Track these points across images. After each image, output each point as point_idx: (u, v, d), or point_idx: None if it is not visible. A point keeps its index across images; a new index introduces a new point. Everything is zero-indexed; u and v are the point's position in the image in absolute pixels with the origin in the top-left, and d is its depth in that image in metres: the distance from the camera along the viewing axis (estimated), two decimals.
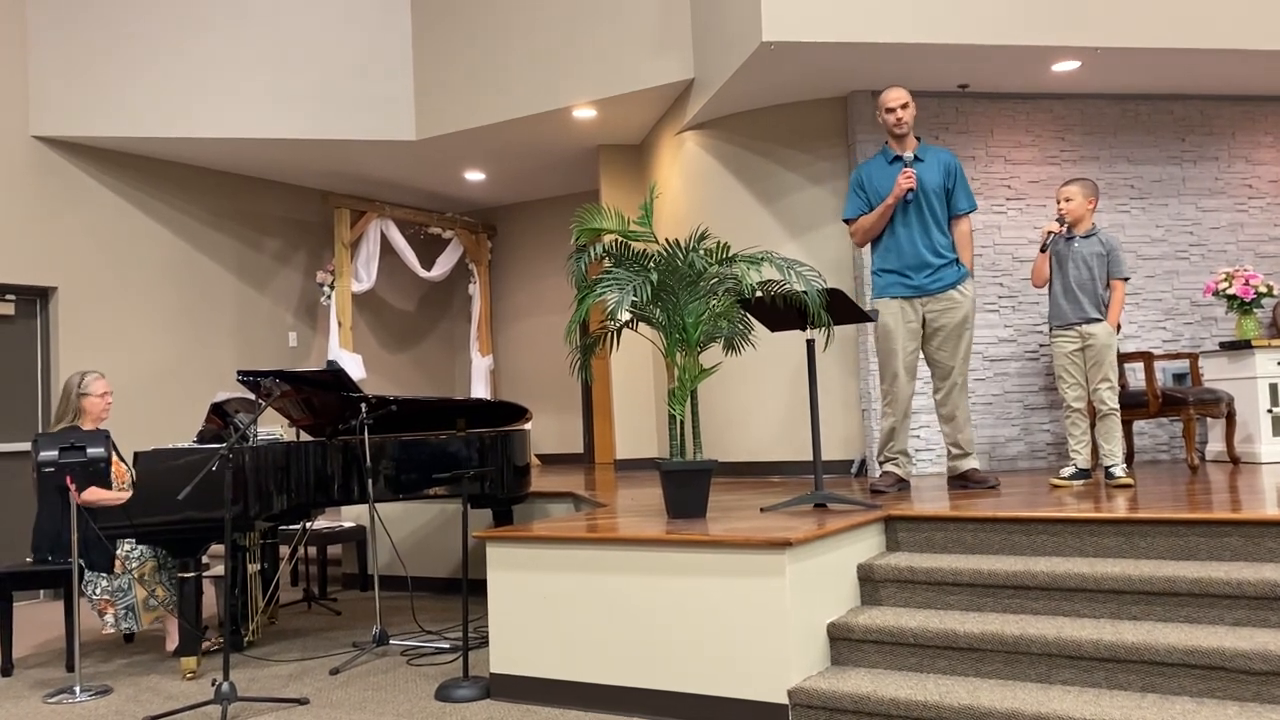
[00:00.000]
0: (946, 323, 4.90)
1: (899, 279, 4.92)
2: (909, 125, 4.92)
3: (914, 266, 4.89)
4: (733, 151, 6.70)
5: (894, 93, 4.91)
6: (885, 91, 4.95)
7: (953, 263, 4.92)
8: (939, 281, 4.89)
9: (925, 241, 4.90)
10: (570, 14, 6.91)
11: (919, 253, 4.89)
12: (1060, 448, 6.28)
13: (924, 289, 4.90)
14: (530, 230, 10.03)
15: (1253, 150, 6.69)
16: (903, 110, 4.89)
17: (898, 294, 4.93)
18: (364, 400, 4.87)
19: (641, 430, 7.85)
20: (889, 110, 4.91)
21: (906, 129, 4.92)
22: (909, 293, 4.91)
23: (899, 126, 4.91)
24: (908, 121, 4.90)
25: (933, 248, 4.90)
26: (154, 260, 7.72)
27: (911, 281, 4.90)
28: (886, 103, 4.91)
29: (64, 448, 4.30)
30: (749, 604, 3.34)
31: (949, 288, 4.90)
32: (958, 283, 4.91)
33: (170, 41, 7.11)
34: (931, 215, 4.91)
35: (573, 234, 4.25)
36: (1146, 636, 3.07)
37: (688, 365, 4.02)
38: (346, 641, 5.04)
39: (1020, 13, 5.49)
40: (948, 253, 4.92)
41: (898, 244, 4.93)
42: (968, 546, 3.86)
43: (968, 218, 5.01)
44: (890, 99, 4.90)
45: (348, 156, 7.94)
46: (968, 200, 4.99)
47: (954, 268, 4.92)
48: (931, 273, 4.89)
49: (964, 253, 4.98)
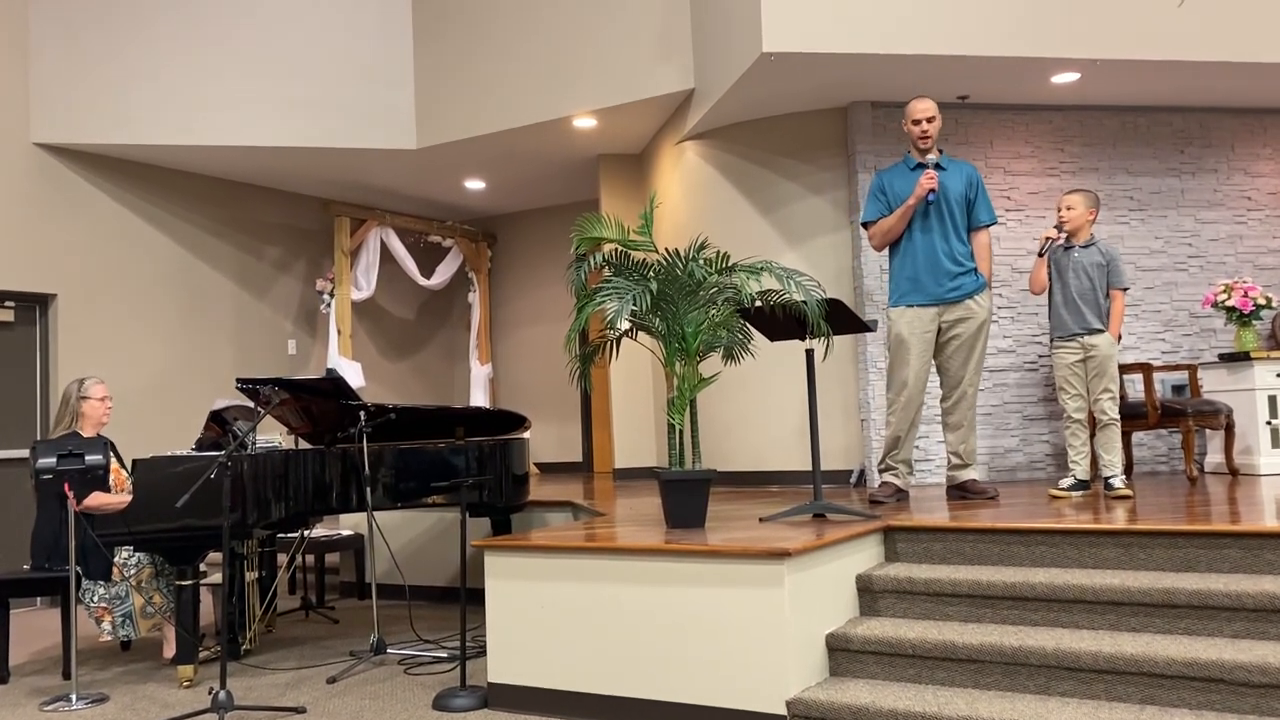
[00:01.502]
0: (962, 332, 4.89)
1: (916, 286, 4.90)
2: (934, 138, 4.91)
3: (933, 273, 4.87)
4: (733, 161, 6.72)
5: (923, 104, 4.88)
6: (913, 101, 4.92)
7: (971, 271, 4.91)
8: (957, 290, 4.87)
9: (945, 249, 4.88)
10: (571, 24, 6.93)
11: (938, 260, 4.87)
12: (1059, 459, 6.28)
13: (941, 297, 4.87)
14: (530, 239, 10.04)
15: (1251, 162, 6.71)
16: (929, 124, 4.87)
17: (914, 302, 4.90)
18: (363, 408, 4.86)
19: (640, 439, 7.84)
20: (915, 121, 4.89)
21: (931, 142, 4.91)
22: (926, 300, 4.89)
23: (924, 140, 4.89)
24: (933, 134, 4.89)
25: (952, 255, 4.88)
26: (154, 267, 7.73)
27: (929, 289, 4.88)
28: (914, 114, 4.90)
29: (62, 455, 4.30)
30: (747, 614, 3.33)
31: (967, 297, 4.88)
32: (976, 292, 4.89)
33: (172, 49, 7.13)
34: (952, 223, 4.89)
35: (573, 243, 4.25)
36: (1145, 648, 3.06)
37: (687, 374, 4.02)
38: (344, 650, 5.02)
39: (1020, 24, 5.50)
40: (967, 261, 4.91)
41: (916, 250, 4.90)
42: (967, 557, 3.85)
43: (987, 230, 5.01)
44: (918, 110, 4.88)
45: (348, 165, 7.95)
46: (988, 213, 4.99)
47: (973, 277, 4.90)
48: (951, 280, 4.87)
49: (983, 264, 4.97)
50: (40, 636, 5.79)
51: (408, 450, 5.02)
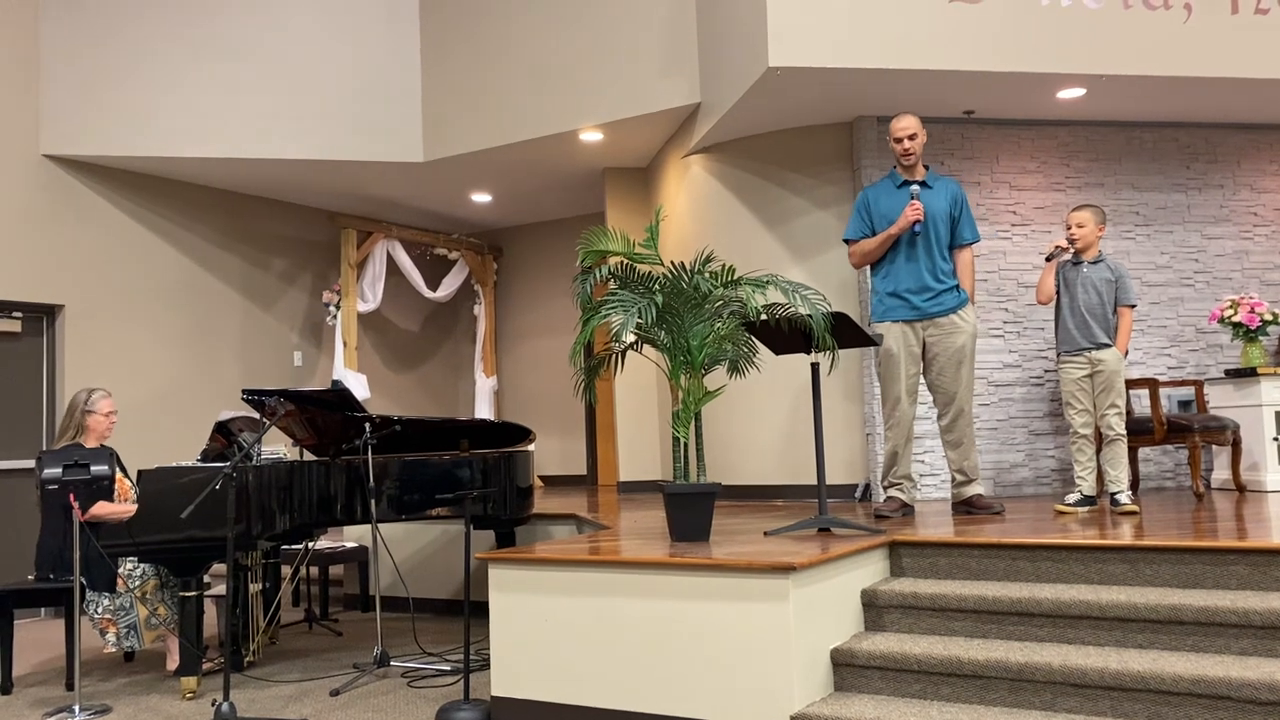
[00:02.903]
0: (946, 347, 4.89)
1: (900, 302, 4.91)
2: (918, 155, 4.91)
3: (915, 290, 4.89)
4: (738, 175, 6.73)
5: (904, 121, 4.89)
6: (895, 119, 4.93)
7: (954, 288, 4.92)
8: (940, 305, 4.89)
9: (928, 265, 4.89)
10: (578, 38, 6.96)
11: (921, 276, 4.89)
12: (1065, 474, 6.26)
13: (925, 312, 4.89)
14: (536, 252, 10.06)
15: (1258, 178, 6.70)
16: (910, 141, 4.87)
17: (899, 317, 4.92)
18: (368, 420, 4.87)
19: (645, 452, 7.84)
20: (897, 140, 4.90)
21: (915, 159, 4.92)
22: (910, 315, 4.90)
23: (907, 156, 4.90)
24: (916, 151, 4.89)
25: (935, 272, 4.89)
26: (161, 279, 7.75)
27: (912, 305, 4.90)
28: (895, 132, 4.90)
29: (68, 465, 4.30)
30: (752, 629, 3.32)
31: (949, 312, 4.89)
32: (958, 307, 4.90)
33: (181, 63, 7.17)
34: (936, 241, 4.91)
35: (578, 256, 4.26)
36: (1152, 665, 3.05)
37: (692, 388, 4.02)
38: (347, 662, 5.01)
39: (1026, 40, 5.52)
40: (949, 278, 4.92)
41: (899, 268, 4.92)
42: (972, 572, 3.84)
43: (970, 248, 5.02)
44: (899, 128, 4.89)
45: (355, 177, 7.98)
46: (972, 231, 5.00)
47: (955, 293, 4.92)
48: (932, 296, 4.88)
49: (965, 281, 4.98)
50: (44, 648, 5.79)
51: (412, 462, 5.02)
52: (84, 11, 7.13)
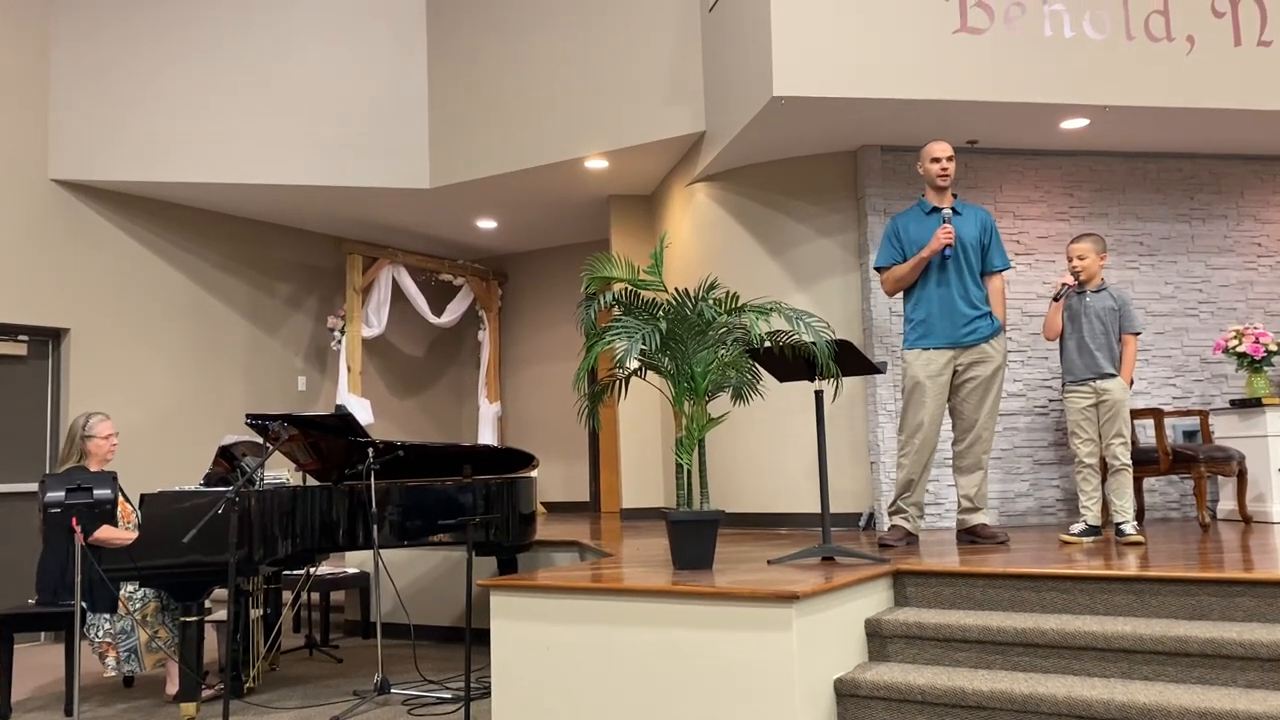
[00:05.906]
0: (977, 375, 4.88)
1: (932, 330, 4.90)
2: (951, 178, 4.96)
3: (948, 317, 4.88)
4: (743, 203, 6.75)
5: (941, 145, 4.94)
6: (931, 143, 4.97)
7: (987, 315, 4.92)
8: (974, 334, 4.88)
9: (961, 293, 4.90)
10: (584, 67, 7.01)
11: (954, 304, 4.88)
12: (1070, 504, 6.23)
13: (958, 341, 4.88)
14: (540, 278, 10.09)
15: (1261, 209, 6.72)
16: (949, 162, 4.92)
17: (930, 345, 4.90)
18: (371, 445, 4.86)
19: (648, 479, 7.82)
20: (935, 160, 4.93)
21: (949, 181, 4.95)
22: (942, 343, 4.89)
23: (943, 178, 4.93)
24: (952, 173, 4.94)
25: (968, 300, 4.90)
26: (166, 303, 7.78)
27: (945, 332, 4.88)
28: (933, 153, 4.94)
29: (71, 489, 4.30)
30: (755, 657, 3.30)
31: (983, 340, 4.89)
32: (991, 336, 4.90)
33: (189, 89, 7.23)
34: (968, 268, 4.92)
35: (583, 282, 4.27)
36: (1159, 697, 3.02)
37: (696, 414, 4.01)
38: (347, 689, 4.98)
39: (1029, 70, 5.55)
40: (982, 305, 4.92)
41: (932, 294, 4.92)
42: (977, 602, 3.82)
43: (1001, 275, 5.03)
44: (937, 150, 4.94)
45: (362, 203, 8.02)
46: (1002, 259, 5.02)
47: (988, 320, 4.92)
48: (966, 324, 4.88)
49: (997, 308, 4.99)
50: (43, 672, 5.76)
51: (415, 488, 5.01)
52: (93, 37, 7.21)
